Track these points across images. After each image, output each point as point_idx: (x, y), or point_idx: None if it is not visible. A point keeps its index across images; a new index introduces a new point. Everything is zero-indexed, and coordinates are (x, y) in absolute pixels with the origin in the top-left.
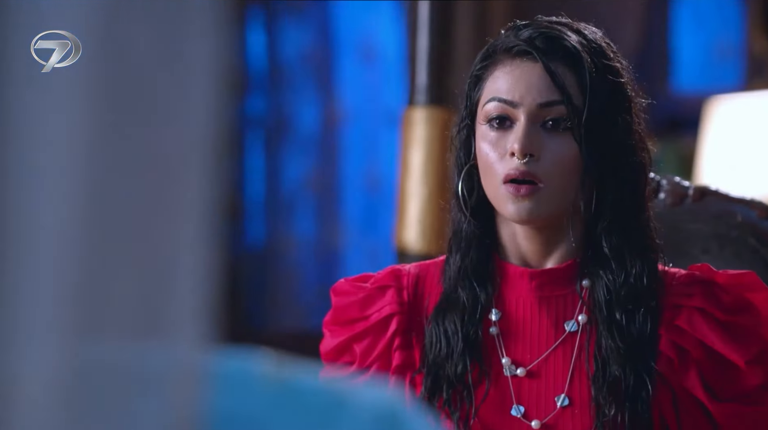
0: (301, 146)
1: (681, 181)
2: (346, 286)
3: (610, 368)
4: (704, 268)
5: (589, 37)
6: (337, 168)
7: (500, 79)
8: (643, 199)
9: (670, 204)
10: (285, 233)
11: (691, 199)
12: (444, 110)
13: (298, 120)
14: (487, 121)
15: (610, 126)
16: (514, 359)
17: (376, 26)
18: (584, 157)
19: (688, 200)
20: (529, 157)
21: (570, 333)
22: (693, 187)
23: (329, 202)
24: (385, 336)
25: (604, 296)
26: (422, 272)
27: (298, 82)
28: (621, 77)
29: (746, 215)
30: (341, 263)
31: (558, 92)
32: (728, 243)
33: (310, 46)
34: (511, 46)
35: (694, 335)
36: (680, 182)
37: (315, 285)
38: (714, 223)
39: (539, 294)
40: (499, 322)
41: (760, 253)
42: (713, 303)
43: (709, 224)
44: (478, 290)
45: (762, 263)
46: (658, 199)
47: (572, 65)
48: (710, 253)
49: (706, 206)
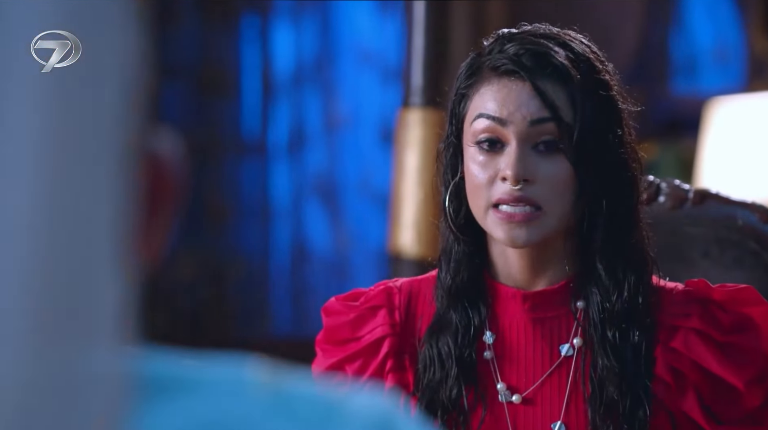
0: (294, 149)
1: (681, 185)
2: (337, 305)
3: (607, 390)
4: (701, 284)
5: (577, 50)
6: (334, 172)
7: (487, 97)
8: (636, 214)
9: (670, 208)
10: (278, 237)
11: (691, 202)
12: (439, 112)
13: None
14: (476, 142)
15: (603, 143)
16: (510, 384)
17: (373, 28)
18: (579, 178)
19: (688, 204)
20: (522, 182)
21: (565, 357)
22: (693, 190)
23: (324, 206)
24: (376, 358)
25: (599, 315)
26: (414, 289)
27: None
28: (610, 90)
29: (747, 219)
30: (336, 268)
31: (547, 110)
32: (729, 247)
33: (306, 49)
34: (498, 65)
35: (690, 357)
36: (680, 185)
37: (309, 290)
38: (714, 227)
39: (532, 316)
40: (493, 345)
41: (762, 257)
42: (710, 324)
43: (709, 228)
44: (470, 311)
45: (763, 268)
46: (658, 202)
47: (561, 82)
48: (710, 257)
49: (706, 210)
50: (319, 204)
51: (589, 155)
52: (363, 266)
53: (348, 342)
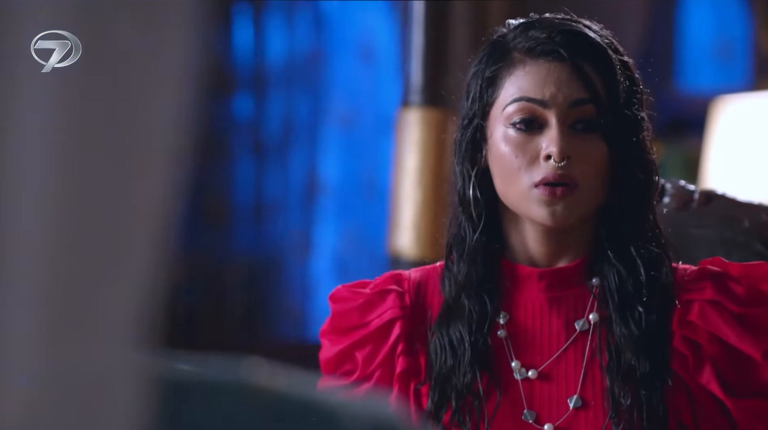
0: (291, 147)
1: (686, 185)
2: (345, 292)
3: (624, 355)
4: (716, 261)
5: (601, 33)
6: (330, 169)
7: (524, 79)
8: (653, 196)
9: (675, 208)
10: (276, 238)
11: (696, 203)
12: (439, 111)
13: (289, 122)
14: (510, 123)
15: (635, 122)
16: (524, 362)
17: (371, 23)
18: (613, 157)
19: (694, 205)
20: (566, 159)
21: (581, 332)
22: (698, 191)
23: (321, 206)
24: (387, 342)
25: (616, 287)
26: (423, 277)
27: (288, 82)
28: (635, 72)
29: (754, 220)
30: (335, 269)
31: (586, 91)
32: (735, 249)
33: (302, 44)
34: (533, 47)
35: (707, 329)
36: (685, 186)
37: (308, 292)
38: (720, 228)
39: (549, 295)
40: (507, 325)
41: None
42: (726, 295)
43: (715, 230)
44: (485, 298)
45: None
46: (663, 203)
47: (597, 62)
48: None
49: (712, 211)
50: (316, 205)
51: (622, 135)
52: (362, 268)
53: (357, 328)
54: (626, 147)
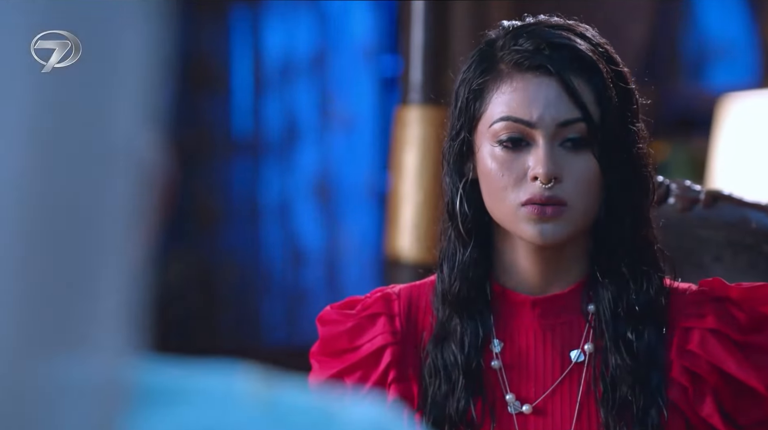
0: (288, 150)
1: (692, 186)
2: (333, 314)
3: (620, 389)
4: (716, 283)
5: (594, 41)
6: (328, 172)
7: (512, 97)
8: (648, 212)
9: (680, 210)
10: (270, 240)
11: (702, 204)
12: (440, 109)
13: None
14: (497, 141)
15: (628, 139)
16: (519, 394)
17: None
18: (605, 175)
19: (699, 206)
20: (553, 180)
21: (576, 364)
22: (704, 191)
23: (319, 208)
24: (377, 369)
25: (611, 314)
26: (414, 296)
27: (288, 82)
28: (629, 83)
29: (761, 222)
30: (332, 272)
31: (578, 110)
32: (742, 251)
33: (301, 44)
34: (521, 61)
35: (708, 359)
36: (691, 186)
37: (303, 296)
38: (727, 230)
39: (542, 322)
40: (501, 354)
41: None
42: (728, 323)
43: (721, 231)
44: (477, 318)
45: None
46: (668, 204)
47: (587, 76)
48: (723, 262)
49: (718, 212)
50: (313, 206)
51: (615, 152)
52: (359, 271)
53: (346, 352)
54: (619, 163)
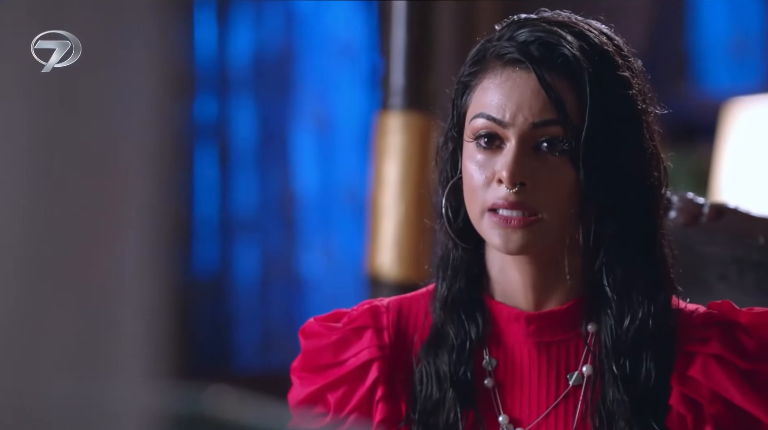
0: (259, 158)
1: (695, 198)
2: (317, 327)
3: (617, 424)
4: (725, 306)
5: (593, 41)
6: (301, 181)
7: (490, 92)
8: (655, 229)
9: (682, 223)
10: (241, 257)
11: (706, 218)
12: (423, 116)
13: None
14: (474, 138)
15: (615, 147)
16: (512, 416)
17: (346, 19)
18: (583, 184)
19: (703, 219)
20: (519, 185)
21: (573, 387)
22: (708, 204)
23: (292, 222)
24: (363, 385)
25: (611, 341)
26: (404, 307)
27: (255, 84)
28: (630, 88)
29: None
30: (307, 292)
31: (554, 110)
32: (749, 268)
33: (271, 42)
34: (503, 53)
35: (710, 387)
36: (694, 199)
37: (277, 317)
38: (732, 245)
39: (538, 340)
40: (494, 372)
41: None
42: (733, 348)
43: (726, 247)
44: (467, 325)
45: None
46: (669, 218)
47: (570, 76)
48: (728, 279)
49: (723, 226)
50: (287, 219)
51: (598, 160)
52: (339, 289)
53: (329, 367)
54: (605, 172)
